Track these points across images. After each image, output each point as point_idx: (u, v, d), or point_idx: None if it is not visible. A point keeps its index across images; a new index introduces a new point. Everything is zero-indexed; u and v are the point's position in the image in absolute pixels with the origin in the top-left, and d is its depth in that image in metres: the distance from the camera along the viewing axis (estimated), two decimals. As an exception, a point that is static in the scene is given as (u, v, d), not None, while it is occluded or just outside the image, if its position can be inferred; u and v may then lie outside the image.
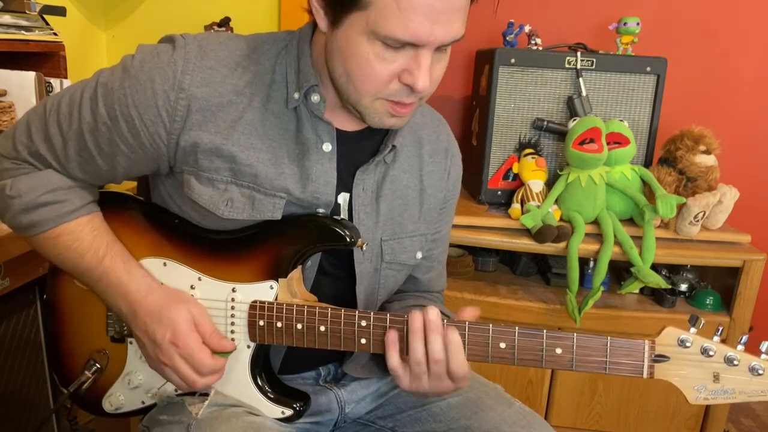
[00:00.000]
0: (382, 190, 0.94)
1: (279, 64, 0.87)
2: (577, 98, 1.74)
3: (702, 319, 0.80)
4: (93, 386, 0.96)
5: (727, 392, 0.78)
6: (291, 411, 0.90)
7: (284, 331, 0.87)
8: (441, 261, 1.12)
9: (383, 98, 0.81)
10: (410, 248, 0.99)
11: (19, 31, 1.48)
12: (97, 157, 0.87)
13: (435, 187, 1.01)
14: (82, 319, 0.96)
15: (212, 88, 0.83)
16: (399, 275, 1.00)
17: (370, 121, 0.84)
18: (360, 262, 0.94)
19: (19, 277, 1.22)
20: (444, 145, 1.04)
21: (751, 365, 0.77)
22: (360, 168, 0.92)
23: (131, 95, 0.82)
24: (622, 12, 1.83)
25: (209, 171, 0.85)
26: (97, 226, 0.90)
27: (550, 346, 0.81)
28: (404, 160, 0.97)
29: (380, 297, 0.99)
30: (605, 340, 0.80)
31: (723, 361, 0.78)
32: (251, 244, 0.88)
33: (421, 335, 0.81)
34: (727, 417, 1.74)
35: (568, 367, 0.81)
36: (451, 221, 1.11)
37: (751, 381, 0.78)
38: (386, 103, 0.81)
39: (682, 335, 0.79)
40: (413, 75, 0.77)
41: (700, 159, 1.67)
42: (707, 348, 0.78)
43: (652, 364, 0.79)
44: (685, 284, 1.77)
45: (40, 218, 0.87)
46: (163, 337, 0.83)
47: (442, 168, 1.03)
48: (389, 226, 0.96)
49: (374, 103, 0.81)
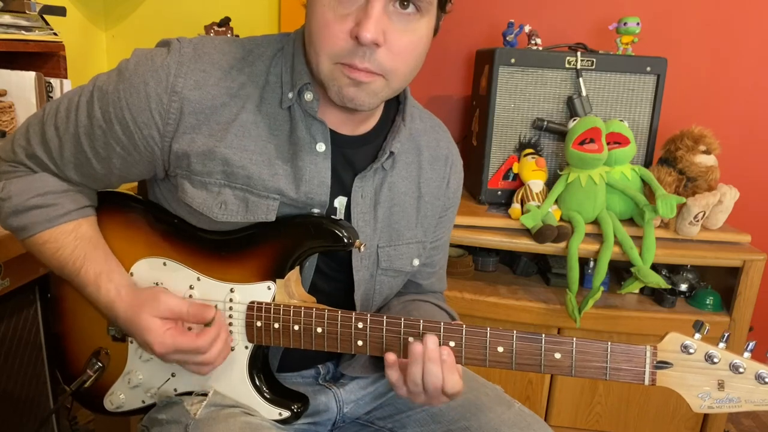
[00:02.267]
0: (379, 197, 0.94)
1: (274, 66, 0.87)
2: (577, 98, 1.74)
3: (707, 325, 0.77)
4: (95, 385, 0.96)
5: (733, 401, 0.75)
6: (289, 413, 0.90)
7: (281, 332, 0.87)
8: (442, 266, 1.12)
9: (339, 62, 0.78)
10: (406, 255, 0.98)
11: (19, 31, 1.48)
12: (93, 160, 0.87)
13: (433, 194, 1.00)
14: (84, 317, 0.96)
15: (205, 91, 0.83)
16: (395, 282, 1.00)
17: (333, 93, 0.81)
18: (358, 269, 0.93)
19: (19, 277, 1.22)
20: (444, 152, 1.02)
21: (758, 373, 0.74)
22: (359, 175, 0.91)
23: (125, 98, 0.82)
24: (622, 12, 1.83)
25: (202, 175, 0.85)
26: (81, 234, 0.89)
27: (549, 351, 0.80)
28: (403, 167, 0.96)
29: (375, 302, 0.98)
30: (605, 345, 0.78)
31: (728, 369, 0.75)
32: (250, 245, 0.88)
33: (420, 363, 0.80)
34: (728, 417, 1.74)
35: (568, 372, 0.79)
36: (451, 228, 1.10)
37: (757, 389, 0.74)
38: (342, 68, 0.78)
39: (686, 341, 0.76)
40: (360, 24, 0.75)
41: (700, 159, 1.67)
42: (712, 354, 0.75)
43: (654, 371, 0.77)
44: (685, 284, 1.77)
45: (28, 221, 0.88)
46: (152, 352, 0.85)
47: (441, 176, 1.02)
48: (386, 233, 0.96)
49: (333, 70, 0.79)
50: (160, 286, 0.90)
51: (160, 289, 0.88)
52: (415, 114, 0.98)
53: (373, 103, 0.82)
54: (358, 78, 0.78)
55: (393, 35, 0.77)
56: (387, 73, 0.79)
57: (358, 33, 0.74)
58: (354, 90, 0.79)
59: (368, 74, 0.78)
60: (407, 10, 0.77)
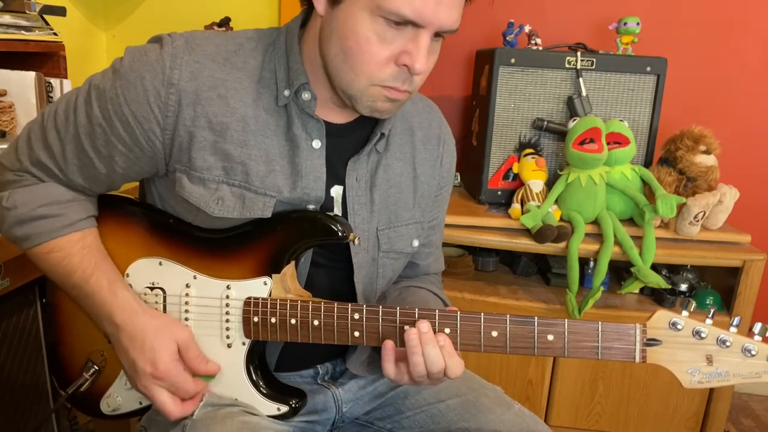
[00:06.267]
0: (375, 180, 0.95)
1: (267, 62, 0.88)
2: (577, 98, 1.74)
3: (693, 302, 0.79)
4: (91, 388, 0.96)
5: (721, 375, 0.78)
6: (287, 408, 0.90)
7: (278, 326, 0.87)
8: (438, 245, 1.13)
9: (378, 84, 0.81)
10: (406, 236, 0.99)
11: (19, 31, 1.48)
12: (95, 160, 0.87)
13: (428, 174, 1.02)
14: (80, 321, 0.96)
15: (201, 82, 0.84)
16: (397, 263, 1.01)
17: (361, 106, 0.84)
18: (356, 252, 0.94)
19: (19, 277, 1.22)
20: (436, 132, 1.04)
21: (744, 346, 0.77)
22: (351, 158, 0.92)
23: (123, 94, 0.83)
24: (622, 12, 1.83)
25: (201, 170, 0.86)
26: (88, 243, 0.90)
27: (542, 333, 0.81)
28: (397, 148, 0.98)
29: (379, 286, 0.99)
30: (596, 325, 0.80)
31: (716, 343, 0.77)
32: (245, 242, 0.89)
33: (420, 350, 0.81)
34: (727, 417, 1.74)
35: (561, 353, 0.81)
36: (446, 207, 1.12)
37: (744, 362, 0.77)
38: (382, 89, 0.82)
39: (674, 318, 0.78)
40: (411, 55, 0.78)
41: (700, 159, 1.67)
42: (699, 330, 0.78)
43: (644, 348, 0.79)
44: (685, 284, 1.77)
45: (33, 231, 0.88)
46: (143, 368, 0.84)
47: (435, 155, 1.03)
48: (384, 215, 0.97)
49: (370, 89, 0.82)
50: (157, 285, 0.91)
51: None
52: None
53: (396, 113, 0.90)
54: (397, 98, 0.83)
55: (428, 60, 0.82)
56: (416, 88, 0.85)
57: (410, 65, 0.79)
58: (389, 105, 0.84)
59: (406, 94, 0.84)
60: (438, 38, 0.82)
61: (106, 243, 0.92)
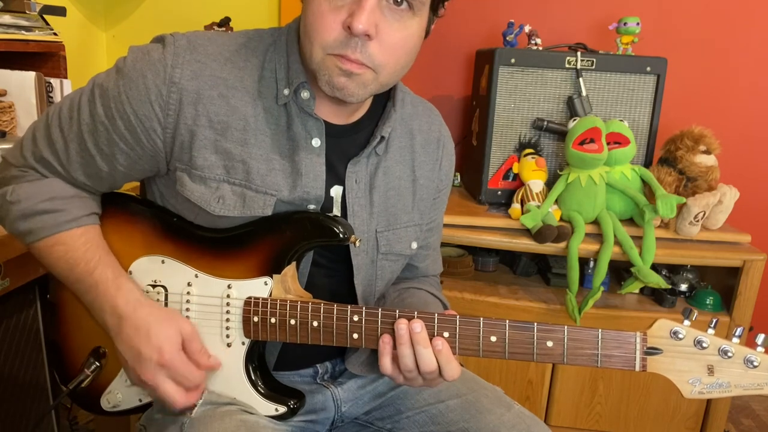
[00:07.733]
0: (375, 182, 0.95)
1: (268, 61, 0.89)
2: (577, 98, 1.74)
3: (695, 311, 0.78)
4: (92, 384, 0.97)
5: (723, 386, 0.76)
6: (285, 408, 0.91)
7: (278, 327, 0.88)
8: (436, 247, 1.14)
9: (331, 53, 0.80)
10: (405, 239, 1.00)
11: (19, 31, 1.49)
12: (97, 157, 0.88)
13: (427, 177, 1.02)
14: (82, 317, 0.96)
15: (202, 81, 0.84)
16: (395, 265, 1.01)
17: (322, 82, 0.82)
18: (356, 254, 0.94)
19: (19, 277, 1.22)
20: (436, 135, 1.04)
21: (746, 357, 0.75)
22: (351, 160, 0.92)
23: (125, 93, 0.83)
24: (622, 12, 1.84)
25: (202, 169, 0.86)
26: (90, 238, 0.90)
27: (541, 339, 0.81)
28: (396, 151, 0.98)
29: (378, 288, 0.99)
30: (596, 332, 0.79)
31: (717, 353, 0.76)
32: (247, 241, 0.89)
33: (408, 342, 0.82)
34: (727, 417, 1.74)
35: (560, 360, 0.80)
36: (444, 209, 1.12)
37: (746, 373, 0.76)
38: (334, 58, 0.80)
39: (675, 327, 0.77)
40: (353, 15, 0.76)
41: (700, 159, 1.67)
42: (701, 340, 0.76)
43: (644, 357, 0.78)
44: (685, 284, 1.77)
45: (36, 226, 0.88)
46: (149, 355, 0.84)
47: (434, 158, 1.03)
48: (383, 218, 0.97)
49: (324, 60, 0.81)
50: (159, 283, 0.91)
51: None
52: (406, 99, 1.00)
53: (361, 95, 0.83)
54: (349, 69, 0.80)
55: (385, 29, 0.79)
56: (377, 67, 0.81)
57: (351, 24, 0.76)
58: (344, 80, 0.81)
59: (359, 66, 0.80)
60: (400, 7, 0.79)
61: (109, 240, 0.92)
